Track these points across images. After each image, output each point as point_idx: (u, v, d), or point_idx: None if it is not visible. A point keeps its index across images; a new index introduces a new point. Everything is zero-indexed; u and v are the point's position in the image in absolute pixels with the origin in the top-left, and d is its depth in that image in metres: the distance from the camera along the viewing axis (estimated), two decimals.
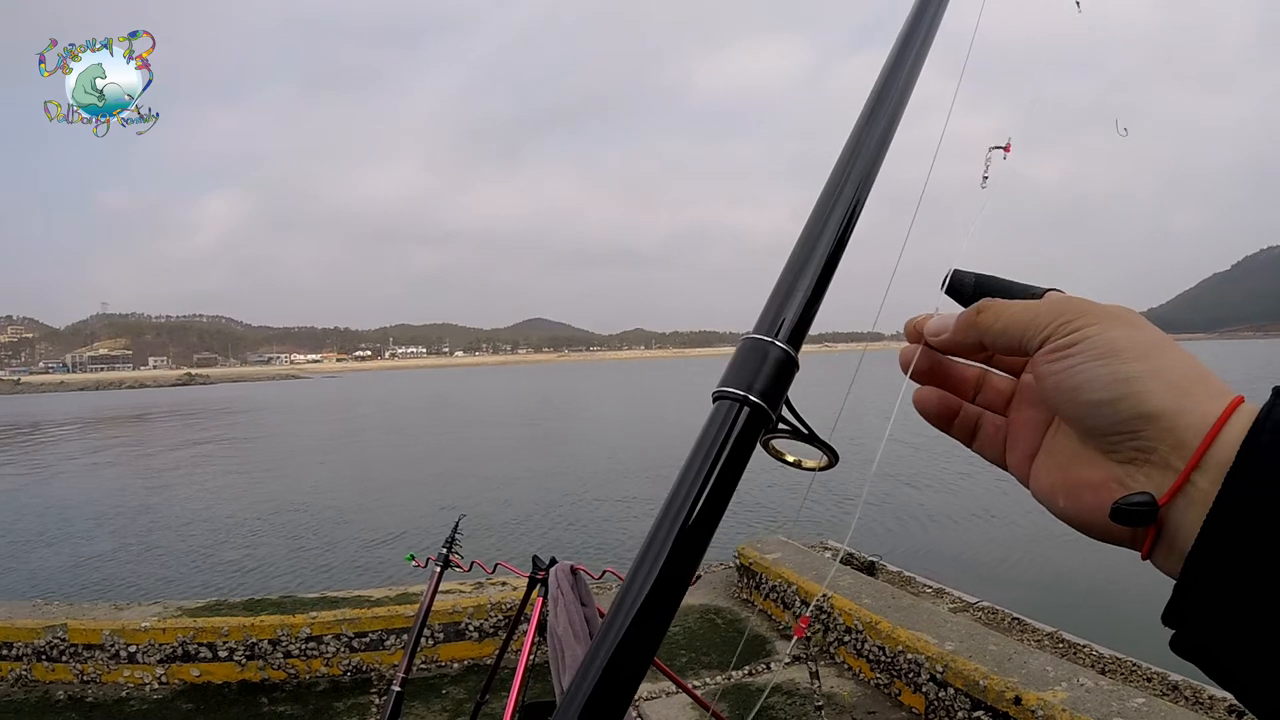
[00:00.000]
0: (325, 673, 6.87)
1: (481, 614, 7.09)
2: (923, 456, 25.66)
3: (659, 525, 0.52)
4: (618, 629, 0.49)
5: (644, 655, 0.49)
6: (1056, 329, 0.53)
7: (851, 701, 6.16)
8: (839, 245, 0.65)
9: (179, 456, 39.60)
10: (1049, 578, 14.12)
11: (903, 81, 0.76)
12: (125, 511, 23.53)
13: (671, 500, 0.53)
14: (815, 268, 0.63)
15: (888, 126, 0.72)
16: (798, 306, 0.61)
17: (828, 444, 0.64)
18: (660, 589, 0.50)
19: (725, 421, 0.55)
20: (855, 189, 0.67)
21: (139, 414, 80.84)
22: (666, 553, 0.51)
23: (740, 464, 0.55)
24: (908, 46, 0.79)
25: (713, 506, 0.53)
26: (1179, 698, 6.02)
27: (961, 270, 0.66)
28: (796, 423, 0.61)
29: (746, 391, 0.56)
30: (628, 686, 0.48)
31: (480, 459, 33.93)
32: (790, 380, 0.59)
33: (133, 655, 6.76)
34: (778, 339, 0.59)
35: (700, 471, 0.53)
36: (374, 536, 18.92)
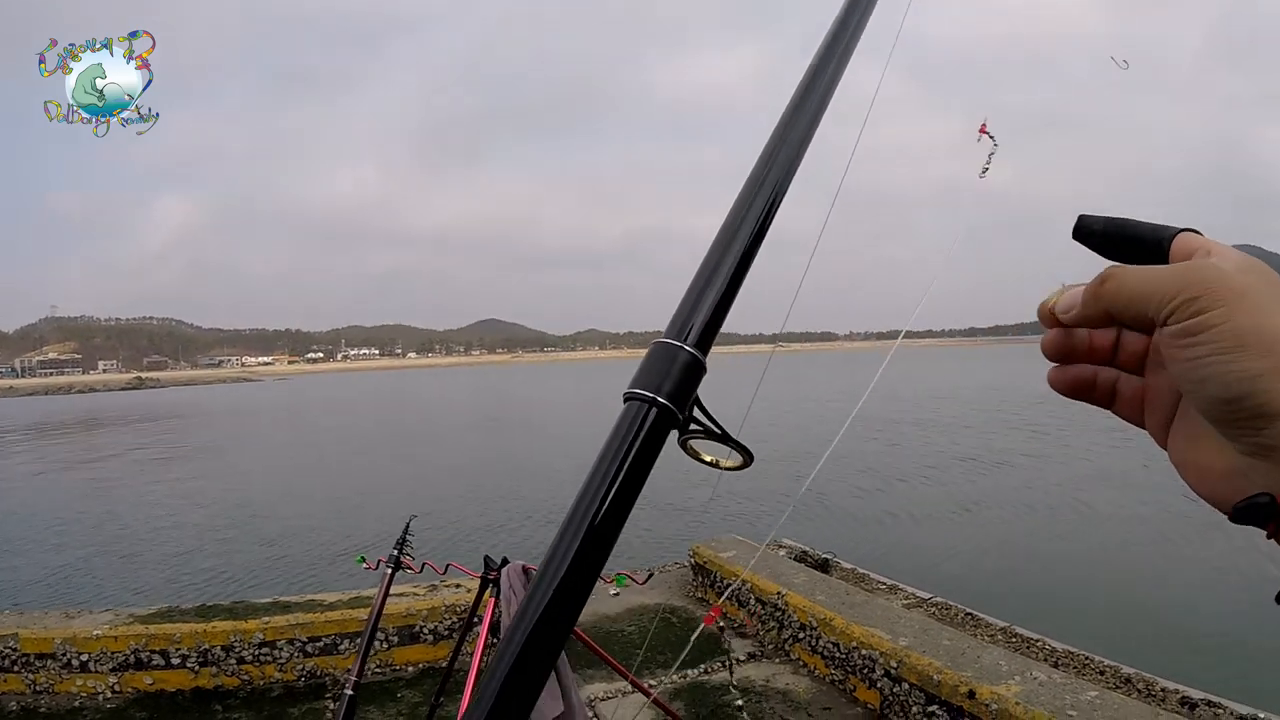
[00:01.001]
0: (279, 678, 6.79)
1: (436, 616, 7.05)
2: (876, 455, 25.89)
3: (569, 522, 0.54)
4: (525, 627, 0.51)
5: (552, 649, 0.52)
6: (1180, 307, 0.49)
7: (807, 698, 6.18)
8: (750, 251, 0.67)
9: (126, 463, 39.05)
10: (1002, 573, 14.26)
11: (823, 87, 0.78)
12: (74, 519, 23.18)
13: (581, 497, 0.55)
14: (726, 273, 0.66)
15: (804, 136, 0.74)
16: (706, 311, 0.63)
17: (741, 444, 0.66)
18: (570, 581, 0.52)
19: (634, 422, 0.58)
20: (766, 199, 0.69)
21: (87, 419, 79.65)
22: (576, 547, 0.53)
23: (648, 461, 0.57)
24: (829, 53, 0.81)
25: (621, 502, 0.55)
26: (1132, 690, 6.09)
27: (1088, 215, 0.62)
28: (709, 423, 0.63)
29: (655, 393, 0.58)
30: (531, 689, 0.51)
31: (432, 461, 33.79)
32: (698, 382, 0.61)
33: (85, 664, 6.66)
34: (686, 343, 0.61)
35: (610, 470, 0.56)
36: (326, 539, 18.79)
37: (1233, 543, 15.63)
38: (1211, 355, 0.47)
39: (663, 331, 0.63)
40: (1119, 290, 0.53)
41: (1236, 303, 0.47)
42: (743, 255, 0.66)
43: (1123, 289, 0.53)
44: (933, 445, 30.70)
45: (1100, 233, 0.61)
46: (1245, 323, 0.47)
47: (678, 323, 0.63)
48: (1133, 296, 0.52)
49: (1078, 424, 35.32)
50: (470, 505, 22.08)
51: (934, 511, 19.43)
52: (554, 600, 0.52)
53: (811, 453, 27.82)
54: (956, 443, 31.84)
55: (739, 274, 0.66)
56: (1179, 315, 0.49)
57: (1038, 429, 36.16)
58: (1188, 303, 0.48)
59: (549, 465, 29.74)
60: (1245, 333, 0.46)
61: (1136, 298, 0.52)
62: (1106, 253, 0.60)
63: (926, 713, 5.44)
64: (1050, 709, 4.75)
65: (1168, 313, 0.49)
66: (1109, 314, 0.55)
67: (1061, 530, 17.32)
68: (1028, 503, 20.20)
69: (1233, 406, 0.47)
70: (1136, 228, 0.59)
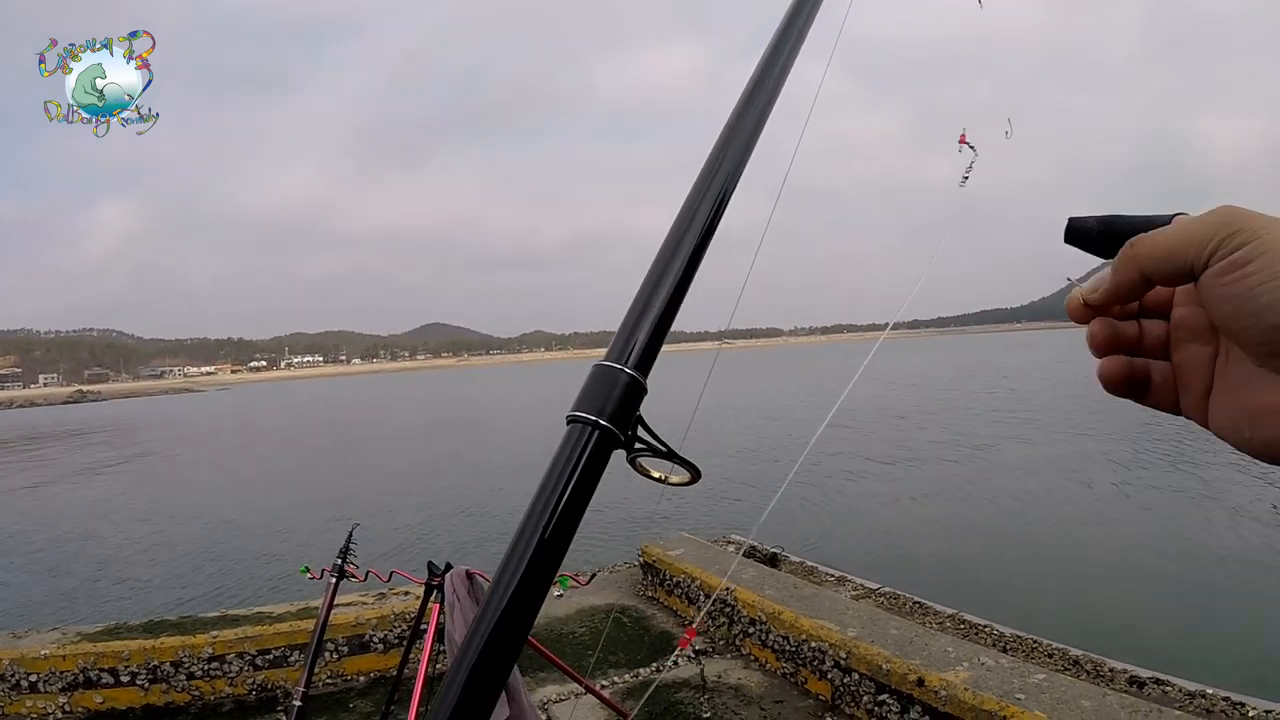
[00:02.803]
0: (230, 693, 6.72)
1: (385, 625, 7.00)
2: (821, 450, 26.02)
3: (516, 541, 0.57)
4: (476, 644, 0.54)
5: (504, 664, 0.54)
6: (1222, 243, 0.48)
7: (759, 692, 6.21)
8: (687, 275, 0.69)
9: (66, 479, 38.34)
10: (950, 561, 14.40)
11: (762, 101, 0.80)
12: (13, 537, 22.78)
13: (528, 519, 0.58)
14: (663, 297, 0.68)
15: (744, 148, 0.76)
16: (645, 334, 0.66)
17: (687, 461, 0.68)
18: (518, 602, 0.55)
19: (577, 443, 0.60)
20: (703, 222, 0.71)
21: (27, 435, 78.21)
22: (524, 566, 0.55)
23: (592, 481, 0.60)
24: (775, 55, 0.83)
25: (566, 521, 0.58)
26: (1080, 672, 6.20)
27: (1079, 217, 0.61)
28: (654, 441, 0.66)
29: (597, 416, 0.61)
30: (486, 702, 0.53)
31: (376, 468, 33.52)
32: (639, 402, 0.64)
33: (34, 684, 6.54)
34: (627, 365, 0.64)
35: (555, 491, 0.58)
36: (272, 551, 18.55)
37: (1173, 522, 15.96)
38: (1265, 282, 0.46)
39: (610, 332, 0.66)
40: (1153, 248, 0.53)
41: (1275, 230, 0.47)
42: (681, 277, 0.68)
43: (1157, 246, 0.52)
44: (879, 436, 30.90)
45: (1095, 232, 0.60)
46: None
47: (618, 345, 0.65)
48: (1170, 249, 0.52)
49: (1018, 413, 35.85)
50: (413, 511, 21.93)
51: (882, 502, 19.57)
52: (504, 616, 0.54)
53: (757, 450, 27.96)
54: (902, 433, 32.10)
55: (677, 295, 0.68)
56: (1222, 251, 0.48)
57: (984, 418, 36.55)
58: (1229, 238, 0.48)
59: (491, 470, 29.60)
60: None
61: (1174, 249, 0.51)
62: (1103, 251, 0.59)
63: (877, 701, 5.49)
64: (999, 693, 4.82)
65: (1209, 252, 0.49)
66: (1144, 276, 0.54)
67: (1007, 517, 17.51)
68: (973, 490, 20.41)
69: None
70: (1130, 221, 0.59)
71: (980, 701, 4.79)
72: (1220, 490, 18.21)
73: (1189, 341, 0.56)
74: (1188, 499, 17.85)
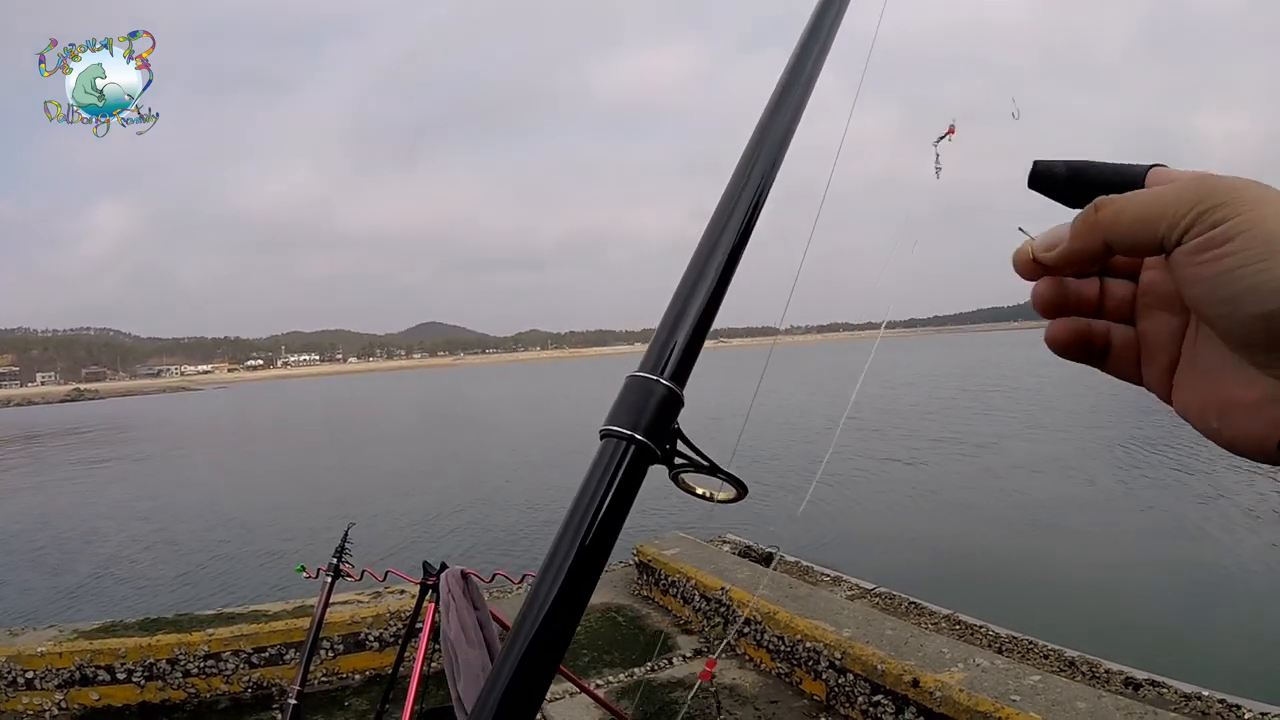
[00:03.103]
0: (226, 690, 6.73)
1: (381, 623, 7.02)
2: (815, 447, 26.03)
3: (550, 561, 0.54)
4: (510, 666, 0.52)
5: (539, 686, 0.52)
6: (1199, 217, 0.43)
7: (753, 692, 6.22)
8: (723, 280, 0.67)
9: (64, 476, 38.35)
10: (946, 561, 14.40)
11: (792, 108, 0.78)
12: (11, 535, 22.76)
13: (561, 537, 0.55)
14: (699, 305, 0.65)
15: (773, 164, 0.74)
16: (682, 344, 0.63)
17: (733, 475, 0.65)
18: (553, 621, 0.53)
19: (612, 459, 0.58)
20: (741, 222, 0.69)
21: (26, 433, 78.09)
22: (558, 586, 0.53)
23: (628, 498, 0.57)
24: (805, 54, 0.81)
25: (602, 541, 0.55)
26: (1075, 673, 6.20)
27: (1045, 160, 0.56)
28: (695, 455, 0.63)
29: (632, 430, 0.58)
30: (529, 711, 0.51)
31: (372, 467, 33.48)
32: (675, 415, 0.61)
33: (30, 681, 6.54)
34: (663, 377, 0.61)
35: (589, 508, 0.56)
36: (268, 549, 18.53)
37: (1171, 522, 15.95)
38: (1244, 265, 0.42)
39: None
40: (1120, 214, 0.47)
41: (1259, 208, 0.42)
42: (717, 283, 0.66)
43: (1124, 212, 0.47)
44: (875, 435, 30.87)
45: (1063, 177, 0.55)
46: (1276, 228, 0.42)
47: (653, 355, 0.62)
48: (1137, 217, 0.47)
49: (1009, 411, 35.87)
50: (409, 511, 21.89)
51: (878, 502, 19.55)
52: (537, 639, 0.52)
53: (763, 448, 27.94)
54: (898, 432, 32.07)
55: (714, 302, 0.66)
56: (1199, 228, 0.44)
57: (981, 417, 36.54)
58: (1206, 213, 0.43)
59: (488, 469, 29.56)
60: (1278, 238, 0.41)
61: (1142, 218, 0.46)
62: (1070, 200, 0.54)
63: (872, 702, 5.50)
64: (994, 694, 4.82)
65: (1184, 228, 0.44)
66: (1106, 244, 0.49)
67: (1003, 516, 17.50)
68: (969, 490, 20.39)
69: (1274, 321, 0.41)
70: (1101, 169, 0.54)
71: (975, 703, 4.80)
72: (1219, 490, 18.15)
73: (1157, 309, 0.52)
74: (1186, 499, 17.80)
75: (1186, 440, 23.89)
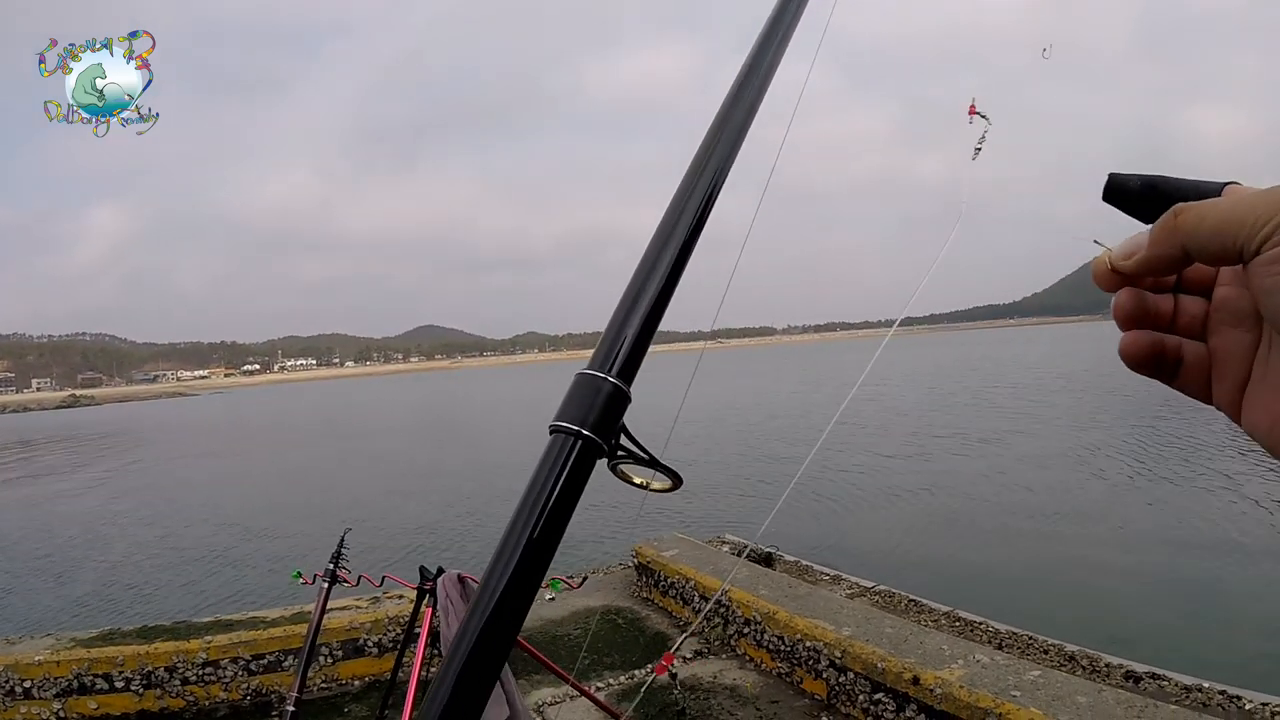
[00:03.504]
0: (225, 698, 6.71)
1: (379, 629, 7.00)
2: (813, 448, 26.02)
3: (499, 554, 0.57)
4: (463, 650, 0.54)
5: (493, 666, 0.55)
6: (1279, 227, 0.43)
7: (754, 692, 6.21)
8: (671, 280, 0.69)
9: (58, 483, 38.31)
10: (944, 559, 14.39)
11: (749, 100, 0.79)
12: (18, 544, 22.72)
13: (511, 529, 0.57)
14: (646, 304, 0.67)
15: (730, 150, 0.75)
16: (629, 342, 0.65)
17: (668, 468, 0.68)
18: (502, 609, 0.55)
19: (560, 454, 0.60)
20: (690, 222, 0.71)
21: (22, 439, 77.97)
22: (508, 577, 0.55)
23: (575, 491, 0.59)
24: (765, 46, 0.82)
25: (550, 530, 0.58)
26: (1076, 667, 6.22)
27: (1120, 173, 0.57)
28: (637, 450, 0.65)
29: (580, 426, 0.61)
30: (476, 703, 0.53)
31: (369, 472, 33.49)
32: (622, 411, 0.63)
33: (28, 690, 6.52)
34: (610, 374, 0.63)
35: (538, 501, 0.58)
36: (265, 555, 18.51)
37: (1169, 515, 15.96)
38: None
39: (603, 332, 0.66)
40: (1200, 221, 0.47)
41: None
42: (665, 282, 0.68)
43: (1205, 219, 0.47)
44: (874, 433, 30.87)
45: (1137, 192, 0.56)
46: None
47: (600, 354, 0.65)
48: (1218, 225, 0.46)
49: (1013, 409, 35.92)
50: (405, 515, 21.90)
51: (877, 500, 19.56)
52: (492, 620, 0.54)
53: (755, 449, 27.95)
54: (896, 430, 32.09)
55: (661, 301, 0.67)
56: (1278, 237, 0.43)
57: (981, 414, 36.58)
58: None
59: (484, 472, 29.60)
60: None
61: (1223, 225, 0.46)
62: (1143, 215, 0.55)
63: (873, 700, 5.49)
64: (994, 690, 4.82)
65: (1263, 237, 0.44)
66: (1185, 250, 0.48)
67: (1001, 513, 17.49)
68: (967, 487, 20.40)
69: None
70: (1178, 184, 0.54)
71: (975, 699, 4.79)
72: (1219, 483, 18.15)
73: (1229, 326, 0.51)
74: (1186, 492, 17.84)
75: (1187, 436, 23.97)
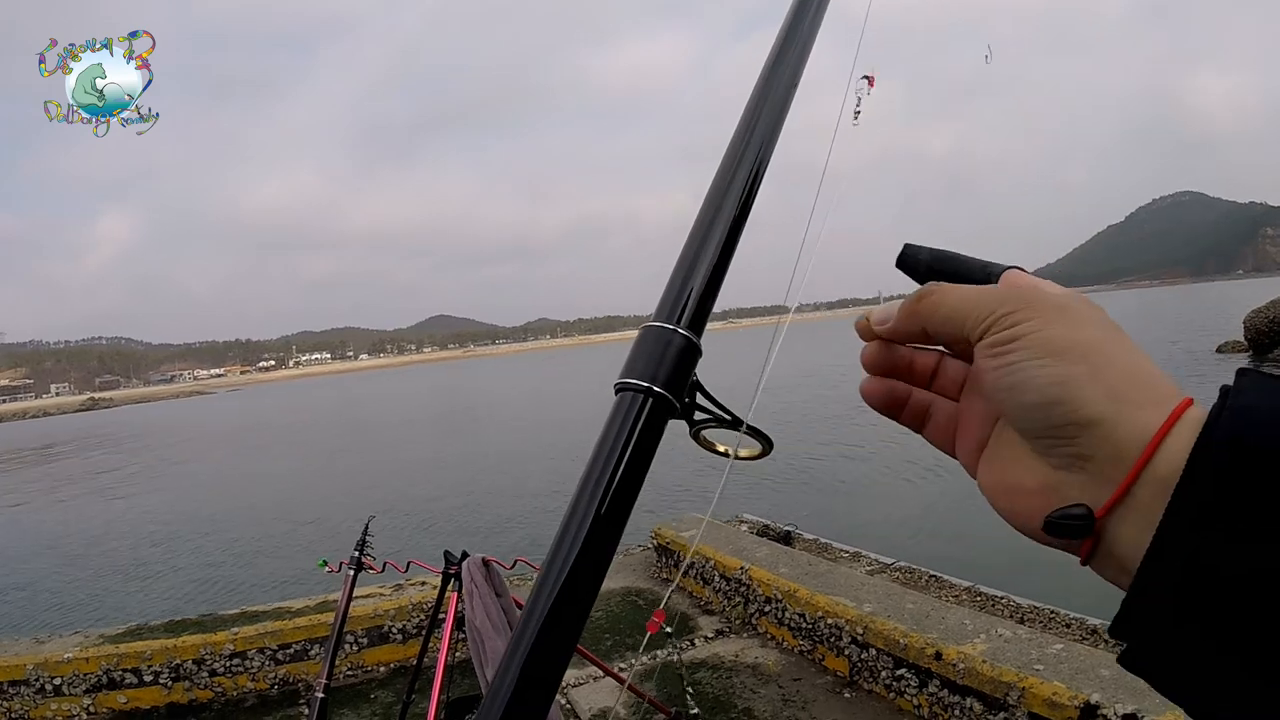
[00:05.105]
0: (252, 688, 6.77)
1: (404, 615, 7.04)
2: (831, 425, 25.99)
3: (569, 519, 0.53)
4: (534, 625, 0.50)
5: (565, 646, 0.50)
6: (996, 321, 0.50)
7: (777, 670, 6.22)
8: (737, 224, 0.65)
9: (83, 484, 38.51)
10: (964, 534, 14.34)
11: (794, 58, 0.76)
12: (35, 544, 22.86)
13: (580, 493, 0.53)
14: (714, 249, 0.63)
15: (784, 98, 0.72)
16: (698, 291, 0.61)
17: (759, 430, 0.63)
18: (575, 581, 0.51)
19: (630, 413, 0.55)
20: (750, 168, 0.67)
21: (46, 443, 78.32)
22: (579, 546, 0.51)
23: (648, 454, 0.55)
24: (797, 24, 0.79)
25: (623, 497, 0.53)
26: (1098, 641, 6.19)
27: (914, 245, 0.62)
28: (717, 410, 0.61)
29: (650, 382, 0.56)
30: (549, 681, 0.49)
31: (388, 460, 33.54)
32: (693, 367, 0.59)
33: (58, 688, 6.58)
34: (680, 326, 0.59)
35: (608, 464, 0.53)
36: (290, 545, 18.67)
37: None
38: (1023, 361, 0.48)
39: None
40: (937, 307, 0.54)
41: (1051, 316, 0.49)
42: (731, 228, 0.64)
43: (940, 306, 0.54)
44: None
45: (926, 264, 0.62)
46: (1057, 333, 0.48)
47: (667, 304, 0.60)
48: (950, 314, 0.53)
49: None
50: (428, 501, 21.96)
51: (894, 477, 19.50)
52: (559, 601, 0.50)
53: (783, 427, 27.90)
54: None
55: (728, 248, 0.63)
56: (996, 328, 0.50)
57: None
58: (1004, 317, 0.50)
59: (507, 456, 29.65)
60: (1056, 341, 0.48)
61: (954, 314, 0.53)
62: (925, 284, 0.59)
63: (895, 676, 5.50)
64: (1017, 664, 4.82)
65: (984, 327, 0.51)
66: (925, 331, 0.56)
67: None
68: None
69: (1046, 413, 0.47)
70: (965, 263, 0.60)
71: (999, 673, 4.79)
72: None
73: (978, 394, 0.57)
74: None
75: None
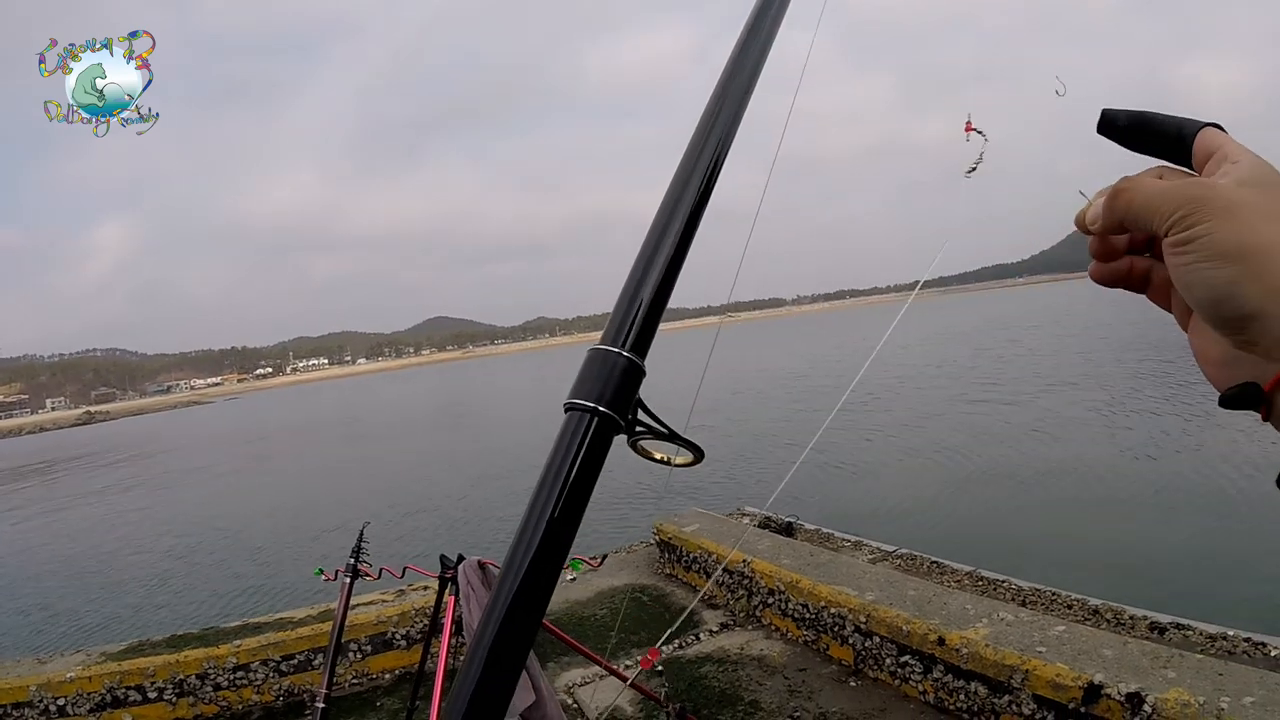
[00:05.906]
0: (257, 700, 6.75)
1: (406, 621, 7.02)
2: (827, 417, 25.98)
3: (520, 536, 0.57)
4: (490, 632, 0.54)
5: (517, 654, 0.54)
6: (1178, 221, 0.55)
7: (782, 661, 6.23)
8: (679, 251, 0.68)
9: (78, 503, 38.47)
10: (964, 519, 14.38)
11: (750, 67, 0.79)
12: (32, 565, 22.84)
13: (531, 511, 0.58)
14: (656, 276, 0.67)
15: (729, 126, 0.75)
16: (640, 315, 0.65)
17: (690, 441, 0.68)
18: (526, 592, 0.55)
19: (576, 432, 0.60)
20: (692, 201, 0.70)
21: (43, 460, 78.26)
22: (529, 559, 0.55)
23: (594, 469, 0.59)
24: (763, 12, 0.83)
25: (571, 510, 0.58)
26: (1100, 621, 6.21)
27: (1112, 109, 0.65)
28: (655, 424, 0.65)
29: (595, 402, 0.61)
30: (504, 686, 0.54)
31: (382, 466, 33.60)
32: (637, 386, 0.63)
33: (62, 708, 6.54)
34: (623, 349, 0.63)
35: (556, 480, 0.58)
36: (289, 555, 18.70)
37: (1189, 466, 15.88)
38: (1196, 263, 0.54)
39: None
40: (1127, 205, 0.59)
41: (1222, 217, 0.54)
42: (674, 254, 0.68)
43: (1131, 205, 0.59)
44: (888, 396, 30.83)
45: (1124, 127, 0.64)
46: (1228, 235, 0.53)
47: (612, 329, 0.65)
48: (1139, 212, 0.58)
49: (1026, 370, 35.83)
50: (421, 505, 22.01)
51: (894, 464, 19.57)
52: (516, 604, 0.54)
53: (773, 422, 27.94)
54: (911, 392, 32.05)
55: (671, 273, 0.67)
56: (1176, 229, 0.55)
57: (988, 376, 36.51)
58: (1182, 219, 0.55)
59: (494, 459, 29.68)
60: (1223, 244, 0.53)
61: (1142, 213, 0.58)
62: (1131, 145, 0.64)
63: (899, 663, 5.51)
64: (1019, 647, 4.82)
65: (1167, 227, 0.56)
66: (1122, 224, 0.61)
67: (1020, 470, 17.47)
68: (983, 446, 20.37)
69: (1216, 308, 0.54)
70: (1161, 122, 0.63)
71: (1002, 657, 4.80)
72: (1241, 431, 17.90)
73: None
74: (1206, 442, 17.75)
75: (1204, 384, 23.77)
